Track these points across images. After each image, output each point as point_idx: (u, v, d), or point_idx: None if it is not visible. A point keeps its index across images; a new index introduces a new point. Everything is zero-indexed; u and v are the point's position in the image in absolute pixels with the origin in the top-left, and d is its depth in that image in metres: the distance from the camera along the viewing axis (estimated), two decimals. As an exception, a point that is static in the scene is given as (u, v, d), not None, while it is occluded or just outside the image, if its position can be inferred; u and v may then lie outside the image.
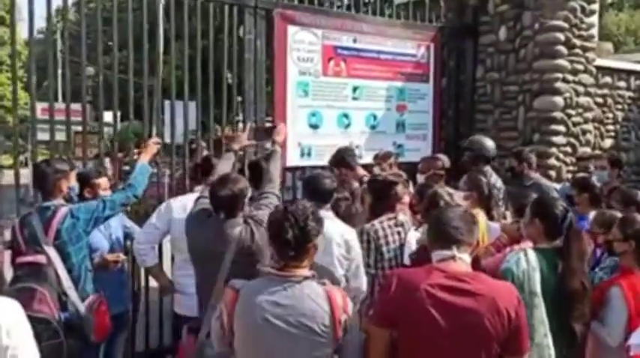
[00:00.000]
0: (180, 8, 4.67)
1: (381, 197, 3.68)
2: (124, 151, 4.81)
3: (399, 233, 3.59)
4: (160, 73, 4.85)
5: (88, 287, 3.31)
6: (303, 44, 5.50)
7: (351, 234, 3.29)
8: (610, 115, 7.53)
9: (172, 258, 4.06)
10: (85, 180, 3.73)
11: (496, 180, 4.92)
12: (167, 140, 5.11)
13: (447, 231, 2.26)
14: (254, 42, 5.18)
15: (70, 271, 3.16)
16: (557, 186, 5.59)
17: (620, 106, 7.71)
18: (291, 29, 5.42)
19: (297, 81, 5.51)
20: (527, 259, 2.72)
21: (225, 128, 5.32)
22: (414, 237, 3.47)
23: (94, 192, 3.70)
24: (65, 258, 3.17)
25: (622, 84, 7.70)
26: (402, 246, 3.57)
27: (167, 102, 4.85)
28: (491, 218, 4.02)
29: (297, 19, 5.44)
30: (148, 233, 3.80)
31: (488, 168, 5.23)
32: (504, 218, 4.14)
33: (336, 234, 3.19)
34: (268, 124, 4.63)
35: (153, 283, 4.18)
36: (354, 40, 5.87)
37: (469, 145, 5.32)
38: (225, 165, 3.38)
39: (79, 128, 4.85)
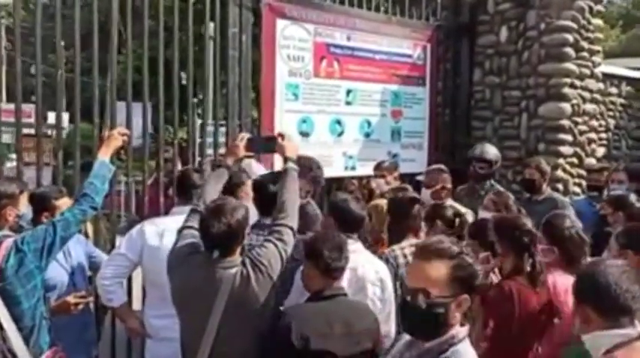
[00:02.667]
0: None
1: (401, 218, 3.18)
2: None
3: None
4: (114, 71, 4.08)
5: (43, 339, 2.58)
6: (293, 41, 4.87)
7: (385, 270, 2.75)
8: (602, 123, 7.17)
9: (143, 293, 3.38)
10: (41, 203, 2.99)
11: None
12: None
13: (619, 298, 1.62)
14: (239, 37, 4.52)
15: (18, 321, 2.44)
16: (567, 200, 5.13)
17: (611, 113, 7.36)
18: (281, 23, 4.78)
19: (287, 82, 4.87)
20: None
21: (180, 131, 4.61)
22: None
23: (53, 216, 2.91)
24: (12, 303, 2.44)
25: (614, 90, 7.35)
26: None
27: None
28: None
29: (287, 12, 4.81)
30: (115, 265, 3.07)
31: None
32: None
33: (371, 272, 2.66)
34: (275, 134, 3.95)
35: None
36: (348, 38, 5.27)
37: (482, 155, 4.76)
38: (216, 186, 2.72)
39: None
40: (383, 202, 3.87)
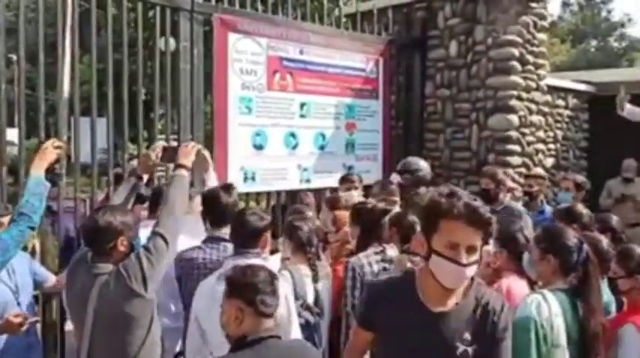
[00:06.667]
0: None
1: (370, 227, 3.22)
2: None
3: (385, 269, 3.11)
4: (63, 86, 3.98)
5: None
6: (245, 54, 4.88)
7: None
8: (551, 134, 7.42)
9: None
10: None
11: None
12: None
13: None
14: (190, 50, 4.51)
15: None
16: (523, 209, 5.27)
17: (559, 125, 7.62)
18: (232, 37, 4.79)
19: (240, 96, 4.87)
20: (548, 304, 2.30)
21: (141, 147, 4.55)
22: None
23: None
24: None
25: (561, 102, 7.61)
26: None
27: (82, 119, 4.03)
28: None
29: (239, 25, 4.82)
30: None
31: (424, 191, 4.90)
32: None
33: None
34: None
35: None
36: (301, 52, 5.32)
37: (406, 167, 4.93)
38: (121, 195, 2.75)
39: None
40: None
